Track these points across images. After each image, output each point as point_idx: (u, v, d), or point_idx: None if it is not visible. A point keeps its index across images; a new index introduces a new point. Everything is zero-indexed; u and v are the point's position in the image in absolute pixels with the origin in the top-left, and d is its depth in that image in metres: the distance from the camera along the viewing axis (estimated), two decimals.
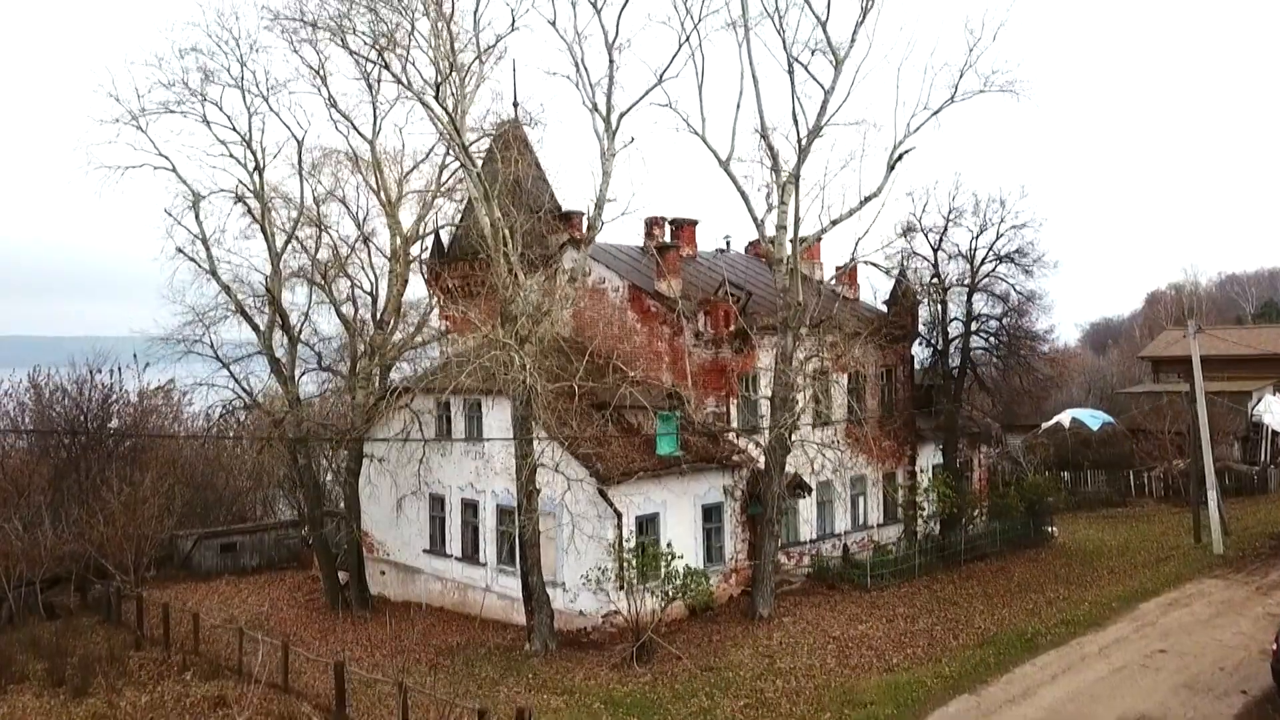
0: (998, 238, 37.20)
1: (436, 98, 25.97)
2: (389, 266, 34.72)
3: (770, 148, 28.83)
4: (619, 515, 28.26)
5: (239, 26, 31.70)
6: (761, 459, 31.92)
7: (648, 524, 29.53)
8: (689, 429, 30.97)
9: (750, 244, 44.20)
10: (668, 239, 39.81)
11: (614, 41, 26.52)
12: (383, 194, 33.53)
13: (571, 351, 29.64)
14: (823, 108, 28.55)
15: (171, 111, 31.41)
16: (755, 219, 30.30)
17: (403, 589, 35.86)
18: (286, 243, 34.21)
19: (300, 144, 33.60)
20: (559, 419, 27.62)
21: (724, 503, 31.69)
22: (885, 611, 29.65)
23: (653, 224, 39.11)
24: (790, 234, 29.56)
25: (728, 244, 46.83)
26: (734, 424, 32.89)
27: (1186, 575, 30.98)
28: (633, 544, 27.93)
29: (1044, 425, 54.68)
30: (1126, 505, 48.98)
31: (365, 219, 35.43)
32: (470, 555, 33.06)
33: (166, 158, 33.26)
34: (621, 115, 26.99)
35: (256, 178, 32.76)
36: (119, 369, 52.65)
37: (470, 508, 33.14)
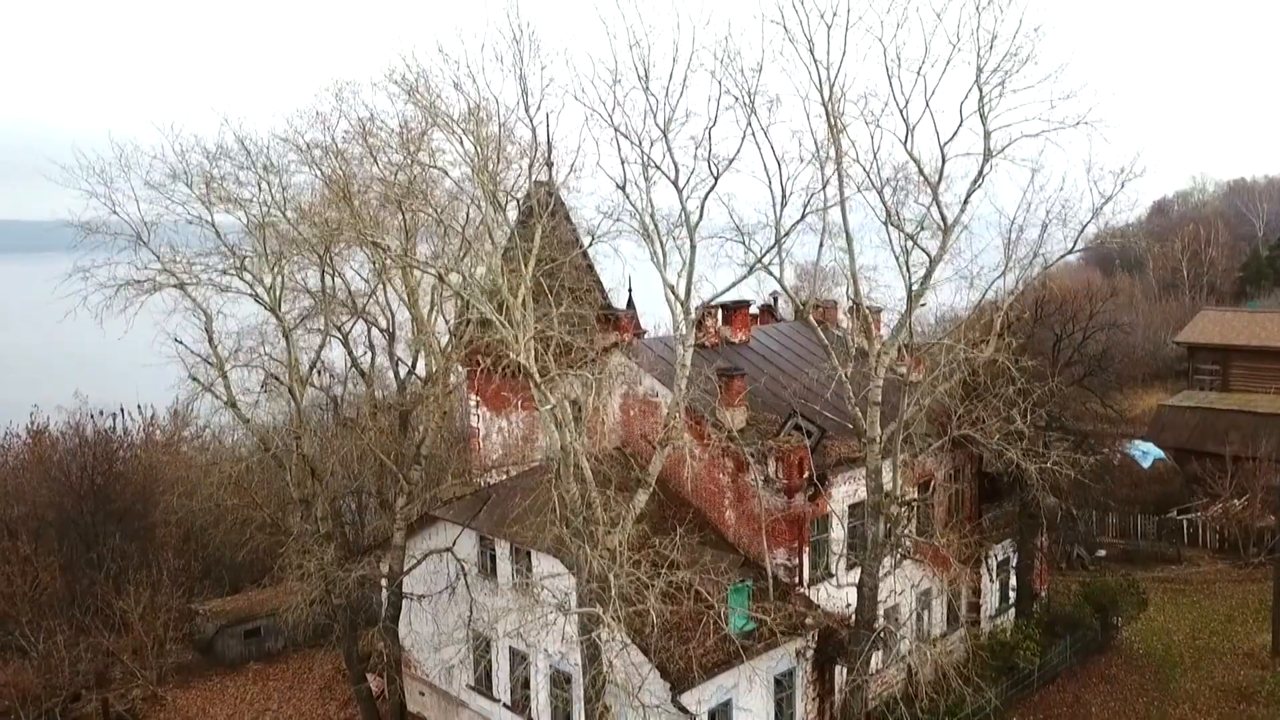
0: (1084, 339, 34.22)
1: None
2: (424, 389, 31.56)
3: (865, 318, 25.57)
4: (693, 718, 26.19)
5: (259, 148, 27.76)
6: (833, 605, 29.80)
7: (719, 713, 27.48)
8: (762, 594, 28.62)
9: None
10: (720, 322, 36.82)
11: (697, 224, 22.86)
12: (416, 323, 30.25)
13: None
14: (927, 275, 25.16)
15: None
16: (840, 379, 27.24)
17: (444, 717, 34.00)
18: (310, 369, 31.10)
19: (322, 269, 30.18)
20: (637, 616, 25.03)
21: (795, 667, 29.60)
22: None
23: (704, 313, 35.87)
24: (881, 424, 26.17)
25: (775, 301, 43.68)
26: (805, 574, 30.56)
27: None
28: None
29: (1093, 458, 52.16)
30: (1181, 562, 47.06)
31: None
32: (520, 708, 30.97)
33: (173, 274, 30.02)
34: (705, 304, 23.58)
35: (282, 335, 29.44)
36: (122, 411, 49.93)
37: (519, 658, 30.93)
